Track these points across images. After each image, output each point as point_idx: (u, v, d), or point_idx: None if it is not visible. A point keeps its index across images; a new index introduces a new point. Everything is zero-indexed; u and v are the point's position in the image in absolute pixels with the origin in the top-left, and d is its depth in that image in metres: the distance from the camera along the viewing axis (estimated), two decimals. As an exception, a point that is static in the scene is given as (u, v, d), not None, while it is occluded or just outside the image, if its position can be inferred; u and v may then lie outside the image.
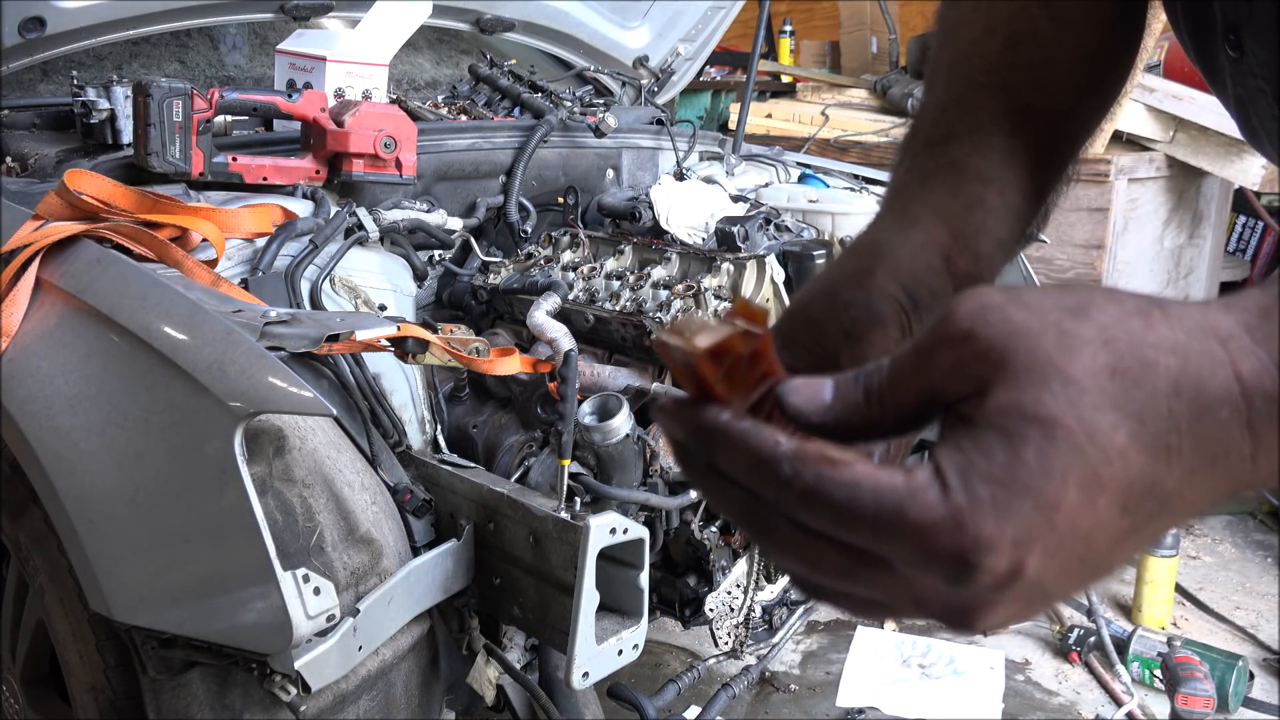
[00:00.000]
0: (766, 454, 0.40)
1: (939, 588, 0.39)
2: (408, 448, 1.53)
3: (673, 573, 1.85)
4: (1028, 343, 0.39)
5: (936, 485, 0.38)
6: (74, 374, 1.32)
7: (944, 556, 0.37)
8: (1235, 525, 3.46)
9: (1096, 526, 0.38)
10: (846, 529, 0.39)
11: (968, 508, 0.37)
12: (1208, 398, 0.39)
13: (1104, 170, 3.35)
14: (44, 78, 2.17)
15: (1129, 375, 0.38)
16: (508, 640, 1.56)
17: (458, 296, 2.03)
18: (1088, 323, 0.39)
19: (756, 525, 0.42)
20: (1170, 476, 0.39)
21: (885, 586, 0.40)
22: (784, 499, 0.40)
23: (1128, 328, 0.39)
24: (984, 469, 0.38)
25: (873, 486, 0.38)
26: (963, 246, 0.61)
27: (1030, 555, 0.37)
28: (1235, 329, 0.39)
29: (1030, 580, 0.38)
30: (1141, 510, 0.39)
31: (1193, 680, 2.29)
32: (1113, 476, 0.38)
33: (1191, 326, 0.39)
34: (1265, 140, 0.72)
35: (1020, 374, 0.38)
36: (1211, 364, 0.39)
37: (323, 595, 1.20)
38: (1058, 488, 0.37)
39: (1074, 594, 0.42)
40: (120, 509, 1.27)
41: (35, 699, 1.66)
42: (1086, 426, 0.38)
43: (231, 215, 1.62)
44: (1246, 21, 0.65)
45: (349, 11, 2.33)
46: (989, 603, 0.39)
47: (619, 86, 2.93)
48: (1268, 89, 0.66)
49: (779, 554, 0.42)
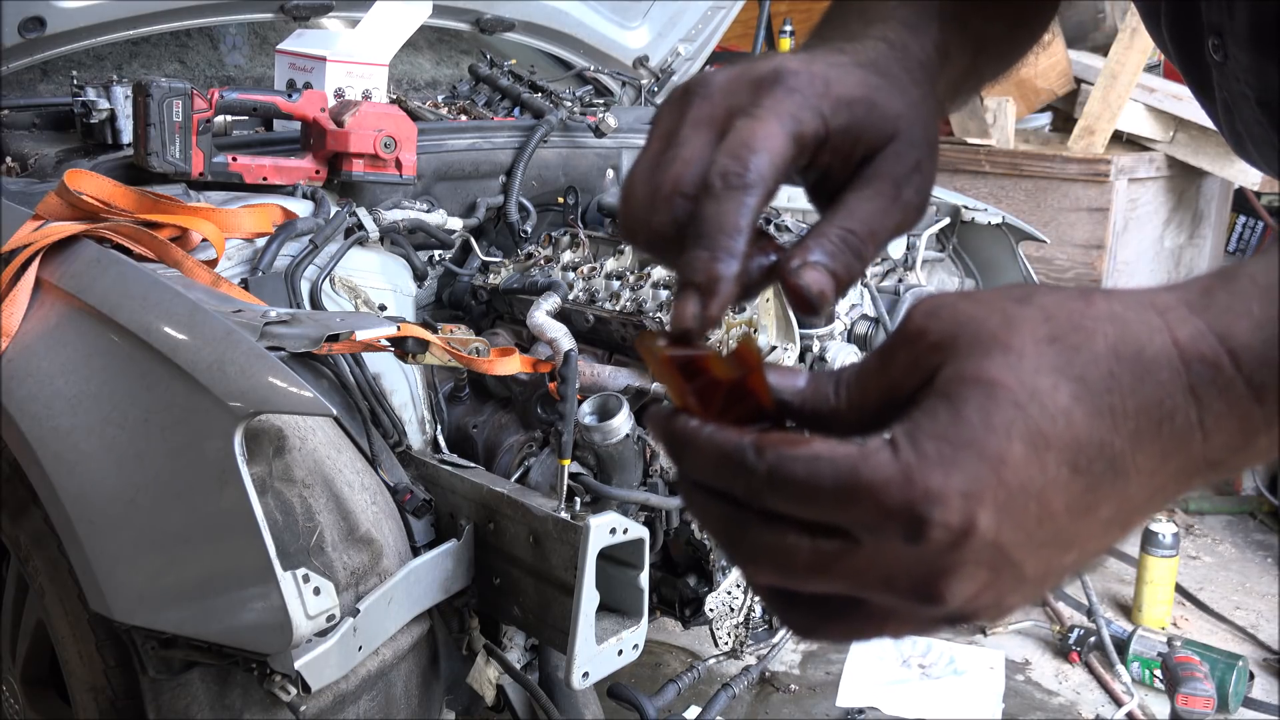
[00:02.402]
0: (731, 447, 0.41)
1: (903, 557, 0.39)
2: (408, 448, 1.53)
3: (673, 573, 1.85)
4: (973, 326, 0.41)
5: (888, 449, 0.39)
6: (74, 374, 1.32)
7: (897, 512, 0.38)
8: (1235, 525, 3.46)
9: (1049, 486, 0.39)
10: (810, 502, 0.40)
11: (916, 464, 0.38)
12: (1146, 359, 0.40)
13: (1104, 170, 3.35)
14: (44, 78, 2.17)
15: (1068, 341, 0.40)
16: (508, 640, 1.56)
17: (458, 296, 2.03)
18: (1030, 305, 0.41)
19: (732, 536, 0.43)
20: (1117, 437, 0.39)
21: (856, 571, 0.41)
22: (750, 486, 0.41)
23: (1068, 306, 0.41)
24: (929, 428, 0.39)
25: (830, 457, 0.39)
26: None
27: (980, 508, 0.38)
28: (1174, 302, 0.41)
29: (986, 538, 0.39)
30: (1092, 471, 0.39)
31: (1193, 680, 2.29)
32: (1058, 434, 0.39)
33: (1130, 301, 0.41)
34: (1250, 145, 0.72)
35: (964, 349, 0.41)
36: (1149, 330, 0.40)
37: (323, 595, 1.20)
38: (1001, 441, 0.39)
39: (1050, 575, 0.42)
40: (120, 509, 1.27)
41: (35, 699, 1.67)
42: (1027, 386, 0.39)
43: (231, 215, 1.62)
44: (1228, 27, 0.65)
45: (349, 11, 2.33)
46: (950, 566, 0.39)
47: (619, 86, 2.93)
48: (1251, 94, 0.66)
49: (755, 568, 0.43)
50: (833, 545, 0.40)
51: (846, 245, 0.50)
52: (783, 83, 0.51)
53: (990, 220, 2.47)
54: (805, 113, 0.50)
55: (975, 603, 0.41)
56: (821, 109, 0.51)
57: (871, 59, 0.56)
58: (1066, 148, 3.55)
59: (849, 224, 0.51)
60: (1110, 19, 3.85)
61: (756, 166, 0.48)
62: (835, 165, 0.53)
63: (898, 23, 0.60)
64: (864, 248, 0.50)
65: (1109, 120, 3.50)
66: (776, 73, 0.51)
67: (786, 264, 0.49)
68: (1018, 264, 2.52)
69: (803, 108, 0.50)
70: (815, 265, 0.49)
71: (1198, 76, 0.72)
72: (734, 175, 0.47)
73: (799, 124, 0.50)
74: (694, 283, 0.47)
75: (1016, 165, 3.49)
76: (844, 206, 0.52)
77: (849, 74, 0.53)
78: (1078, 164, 3.41)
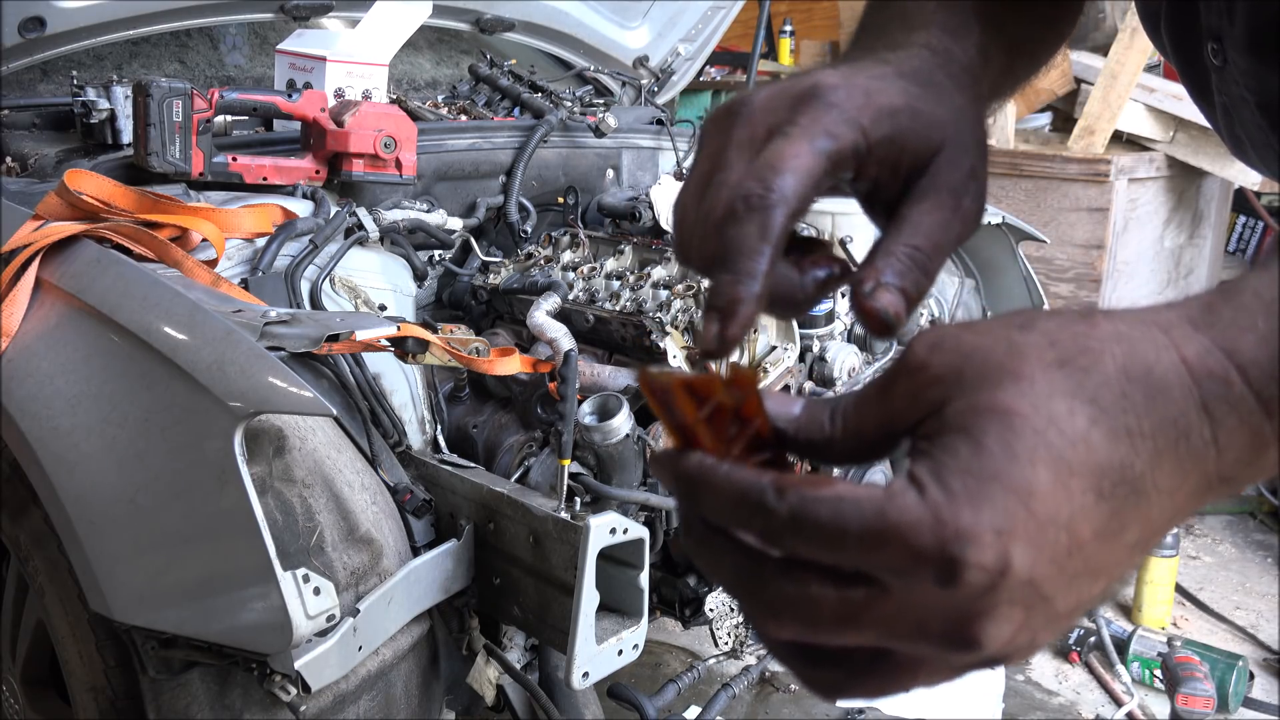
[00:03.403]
0: (750, 487, 0.40)
1: (935, 601, 0.38)
2: (408, 448, 1.53)
3: (673, 573, 1.85)
4: (979, 357, 0.40)
5: (913, 489, 0.38)
6: (74, 374, 1.32)
7: (929, 555, 0.37)
8: (1235, 525, 3.46)
9: (1076, 515, 0.38)
10: (835, 546, 0.39)
11: (944, 502, 0.37)
12: (1156, 378, 0.39)
13: (1104, 170, 3.36)
14: (44, 78, 2.17)
15: (1076, 364, 0.40)
16: (508, 640, 1.56)
17: (458, 296, 2.03)
18: (1033, 331, 0.41)
19: (750, 587, 0.42)
20: (1138, 459, 0.39)
21: (885, 620, 0.39)
22: (771, 527, 0.40)
23: (1071, 329, 0.41)
24: (952, 464, 0.38)
25: (854, 499, 0.38)
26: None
27: (1014, 544, 0.37)
28: (1177, 320, 0.41)
29: (1021, 576, 0.38)
30: (1117, 495, 0.39)
31: (1193, 680, 2.29)
32: (1080, 460, 0.38)
33: (1133, 320, 0.41)
34: (1250, 149, 0.72)
35: (972, 382, 0.40)
36: (1155, 348, 0.40)
37: (323, 595, 1.20)
38: (1026, 470, 0.38)
39: (1080, 607, 0.40)
40: (120, 509, 1.27)
41: (35, 699, 1.67)
42: (1043, 412, 0.39)
43: (231, 215, 1.62)
44: (1227, 32, 0.65)
45: (349, 11, 2.33)
46: (985, 609, 0.38)
47: (619, 86, 2.93)
48: (1250, 97, 0.66)
49: (776, 623, 0.42)
50: (859, 593, 0.39)
51: (915, 263, 0.50)
52: (820, 98, 0.51)
53: (990, 220, 2.46)
54: (841, 127, 0.50)
55: (1010, 646, 0.39)
56: (861, 121, 0.50)
57: (915, 67, 0.56)
58: (1066, 148, 3.55)
59: (915, 240, 0.50)
60: (1110, 19, 3.85)
61: (780, 186, 0.48)
62: (883, 176, 0.53)
63: (939, 28, 0.60)
64: (930, 263, 0.50)
65: (1109, 120, 3.50)
66: (814, 88, 0.51)
67: (859, 287, 0.49)
68: (1018, 264, 2.52)
69: (838, 122, 0.50)
70: (888, 287, 0.49)
71: (1196, 80, 0.72)
72: (756, 197, 0.48)
73: (834, 139, 0.50)
74: (715, 306, 0.48)
75: (1016, 165, 3.49)
76: (907, 221, 0.51)
77: (891, 84, 0.53)
78: (1078, 164, 3.41)
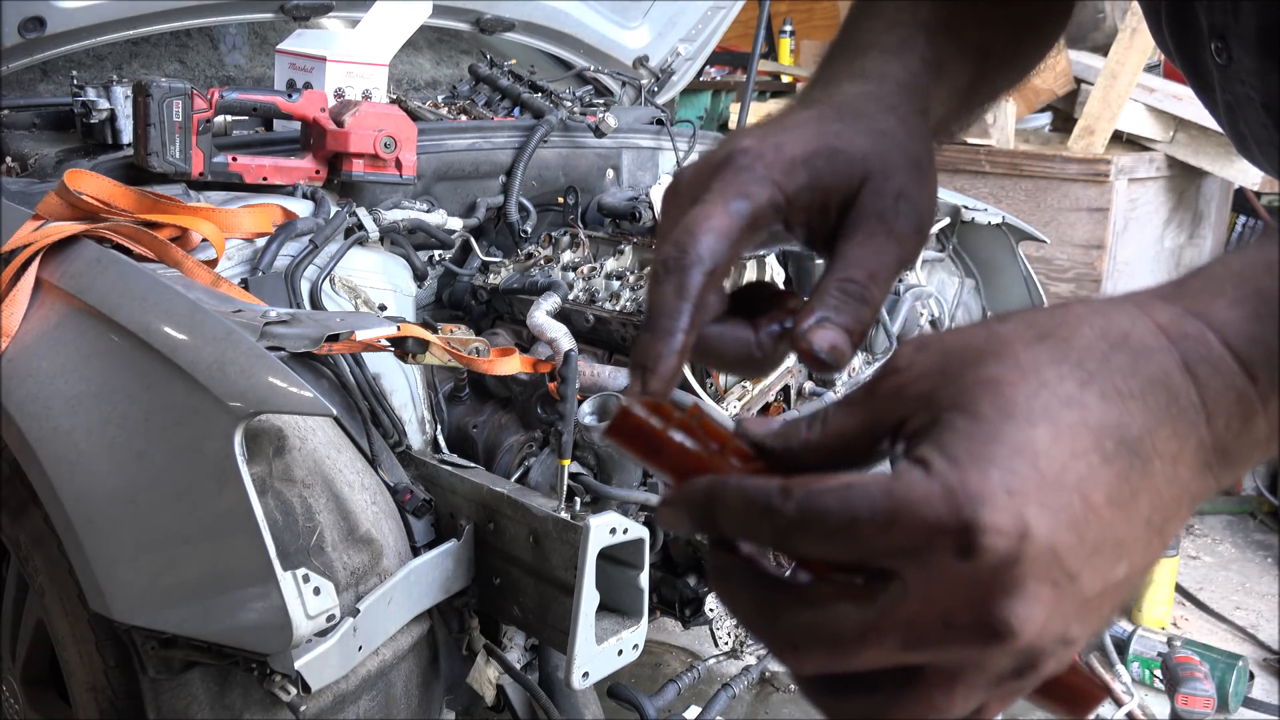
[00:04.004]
0: (757, 491, 0.41)
1: (958, 584, 0.38)
2: (408, 448, 1.53)
3: (673, 573, 1.85)
4: (960, 346, 0.42)
5: (917, 468, 0.39)
6: (74, 374, 1.32)
7: (944, 525, 0.37)
8: (1235, 525, 3.46)
9: (1085, 477, 0.38)
10: (847, 535, 0.39)
11: (951, 471, 0.38)
12: (1135, 340, 0.41)
13: (1104, 170, 3.35)
14: (44, 78, 2.17)
15: (1057, 335, 0.41)
16: (508, 640, 1.56)
17: (458, 296, 2.03)
18: (1010, 320, 0.43)
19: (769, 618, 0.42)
20: (1133, 420, 0.40)
21: (909, 621, 0.39)
22: (779, 527, 0.40)
23: (1047, 312, 0.43)
24: (951, 437, 0.39)
25: (861, 484, 0.39)
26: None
27: (1028, 505, 0.37)
28: (1146, 297, 0.43)
29: (1041, 541, 0.37)
30: (1120, 457, 0.39)
31: (1193, 680, 2.29)
32: (1078, 420, 0.39)
33: (1105, 301, 0.43)
34: (1254, 147, 0.72)
35: (958, 369, 0.41)
36: (1129, 318, 0.41)
37: (323, 595, 1.20)
38: (1026, 431, 0.38)
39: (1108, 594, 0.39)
40: (120, 509, 1.27)
41: (35, 699, 1.67)
42: (1033, 379, 0.40)
43: (231, 215, 1.62)
44: (1233, 30, 0.65)
45: (349, 11, 2.33)
46: (1011, 582, 0.37)
47: (619, 86, 2.93)
48: (1256, 96, 0.66)
49: (800, 653, 0.41)
50: (878, 599, 0.39)
51: (848, 294, 0.51)
52: (733, 163, 0.54)
53: (990, 220, 2.47)
54: (753, 186, 0.52)
55: (1042, 636, 0.38)
56: (773, 177, 0.53)
57: (840, 102, 0.58)
58: (1066, 148, 3.55)
59: (847, 273, 0.52)
60: (1110, 19, 3.85)
61: (694, 249, 0.50)
62: (814, 219, 0.55)
63: (878, 50, 0.62)
64: (866, 291, 0.52)
65: (1109, 120, 3.49)
66: (729, 156, 0.54)
67: (796, 330, 0.51)
68: (1017, 264, 2.52)
69: (750, 183, 0.53)
70: (822, 323, 0.50)
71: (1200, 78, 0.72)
72: (672, 260, 0.51)
73: (748, 199, 0.52)
74: (637, 363, 0.50)
75: (1016, 165, 3.49)
76: (840, 256, 0.53)
77: (807, 130, 0.55)
78: (1078, 164, 3.41)
